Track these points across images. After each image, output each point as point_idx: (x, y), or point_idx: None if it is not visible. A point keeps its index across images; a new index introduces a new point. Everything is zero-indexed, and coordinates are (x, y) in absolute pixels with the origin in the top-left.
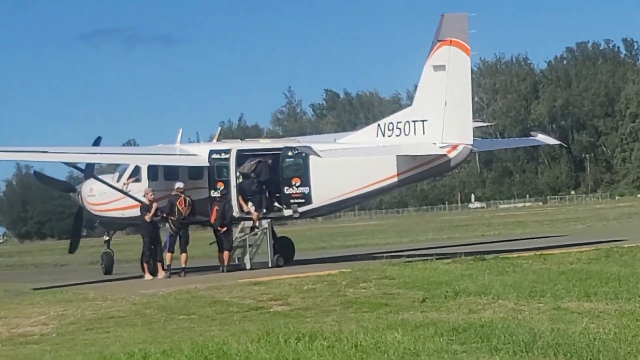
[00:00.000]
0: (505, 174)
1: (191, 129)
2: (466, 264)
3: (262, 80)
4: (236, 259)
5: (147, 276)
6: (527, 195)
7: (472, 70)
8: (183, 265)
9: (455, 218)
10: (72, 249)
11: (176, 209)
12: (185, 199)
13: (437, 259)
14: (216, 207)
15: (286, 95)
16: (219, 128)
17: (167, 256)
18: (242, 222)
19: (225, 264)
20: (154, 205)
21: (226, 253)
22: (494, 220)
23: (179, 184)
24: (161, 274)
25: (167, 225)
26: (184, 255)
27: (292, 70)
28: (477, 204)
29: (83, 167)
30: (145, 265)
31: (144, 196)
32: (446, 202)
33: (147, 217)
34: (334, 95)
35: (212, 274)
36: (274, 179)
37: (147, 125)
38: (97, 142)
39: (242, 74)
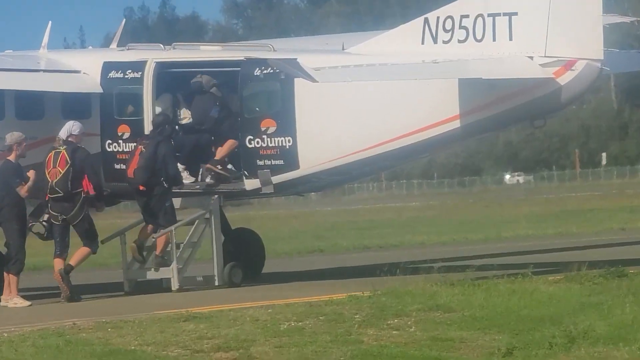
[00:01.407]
0: None
1: (70, 23)
2: (590, 284)
3: None
4: (151, 269)
5: (18, 301)
6: None
7: None
8: (59, 277)
9: (566, 197)
10: None
11: (45, 176)
12: (56, 155)
13: (533, 273)
14: (140, 149)
15: None
16: (123, 21)
17: (56, 263)
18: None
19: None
20: (31, 174)
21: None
22: None
23: (69, 129)
24: (17, 301)
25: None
26: (57, 261)
27: None
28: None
29: None
30: (11, 280)
31: (5, 149)
32: (554, 167)
33: (23, 191)
34: None
35: (110, 298)
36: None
37: None
38: None
39: None
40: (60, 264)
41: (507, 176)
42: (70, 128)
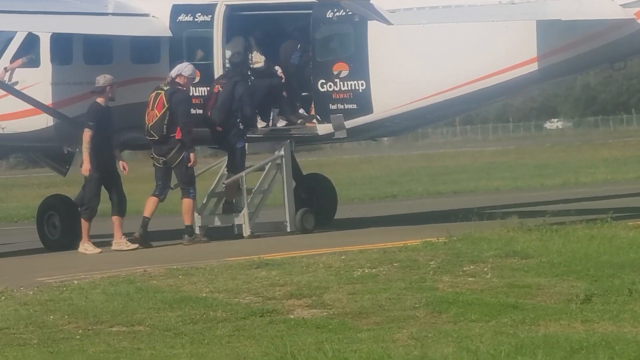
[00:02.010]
0: None
1: None
2: None
3: None
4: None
5: (89, 247)
6: None
7: None
8: (146, 214)
9: None
10: None
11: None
12: (156, 97)
13: (613, 218)
14: (217, 89)
15: None
16: None
17: (149, 200)
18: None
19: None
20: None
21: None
22: None
23: (180, 68)
24: (88, 247)
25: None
26: (152, 199)
27: None
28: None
29: None
30: (82, 225)
31: (97, 90)
32: (633, 111)
33: (84, 135)
34: None
35: (180, 245)
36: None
37: None
38: None
39: None
40: (154, 202)
41: (548, 123)
42: (181, 68)
